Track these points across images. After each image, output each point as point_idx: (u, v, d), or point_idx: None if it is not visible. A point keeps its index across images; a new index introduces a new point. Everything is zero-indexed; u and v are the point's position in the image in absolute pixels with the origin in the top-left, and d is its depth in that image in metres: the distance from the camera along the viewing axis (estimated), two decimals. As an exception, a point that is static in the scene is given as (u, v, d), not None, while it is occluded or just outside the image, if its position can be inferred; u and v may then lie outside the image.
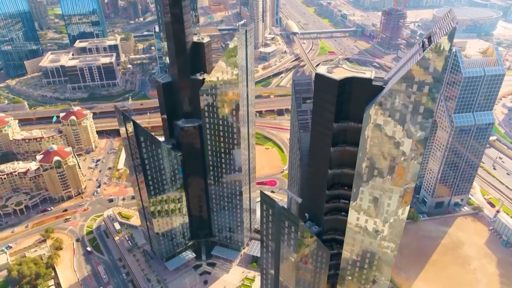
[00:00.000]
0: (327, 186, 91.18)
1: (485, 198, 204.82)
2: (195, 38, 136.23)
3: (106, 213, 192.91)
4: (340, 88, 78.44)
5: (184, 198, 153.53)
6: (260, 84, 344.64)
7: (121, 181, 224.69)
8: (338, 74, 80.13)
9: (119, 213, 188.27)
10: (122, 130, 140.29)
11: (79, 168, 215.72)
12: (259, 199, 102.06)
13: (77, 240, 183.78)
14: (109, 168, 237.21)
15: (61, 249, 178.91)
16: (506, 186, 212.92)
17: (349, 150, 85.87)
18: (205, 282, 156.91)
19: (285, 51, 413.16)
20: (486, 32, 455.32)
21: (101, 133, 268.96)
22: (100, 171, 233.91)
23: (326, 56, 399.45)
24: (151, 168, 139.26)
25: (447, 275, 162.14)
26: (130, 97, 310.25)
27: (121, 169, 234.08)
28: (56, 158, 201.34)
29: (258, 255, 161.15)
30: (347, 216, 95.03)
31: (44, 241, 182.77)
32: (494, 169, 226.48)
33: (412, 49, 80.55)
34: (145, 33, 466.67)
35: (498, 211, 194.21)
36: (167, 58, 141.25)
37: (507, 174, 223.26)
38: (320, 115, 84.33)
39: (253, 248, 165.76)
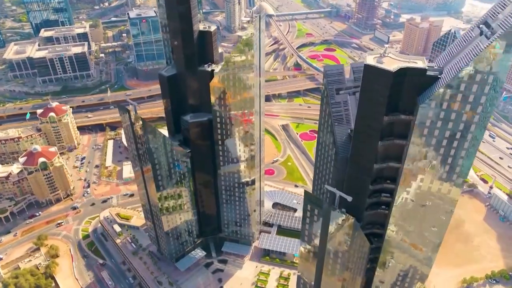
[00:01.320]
0: (371, 180, 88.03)
1: (477, 175, 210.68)
2: (201, 27, 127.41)
3: (103, 214, 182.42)
4: (394, 80, 74.29)
5: (192, 195, 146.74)
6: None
7: (111, 179, 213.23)
8: (389, 64, 75.86)
9: (117, 214, 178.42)
10: (127, 128, 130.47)
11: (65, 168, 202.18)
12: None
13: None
14: (97, 166, 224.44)
15: (57, 256, 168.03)
16: (496, 162, 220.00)
17: (396, 143, 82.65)
18: (220, 280, 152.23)
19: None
20: (456, 10, 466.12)
21: (81, 129, 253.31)
22: (87, 170, 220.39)
23: (305, 38, 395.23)
24: (160, 168, 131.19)
25: (454, 254, 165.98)
26: (108, 89, 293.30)
27: (110, 166, 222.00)
28: (42, 159, 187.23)
29: (270, 248, 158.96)
30: (388, 209, 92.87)
31: (38, 249, 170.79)
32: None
33: (465, 36, 77.02)
34: (113, 19, 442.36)
35: (491, 187, 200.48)
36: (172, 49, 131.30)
37: (496, 150, 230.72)
38: (369, 109, 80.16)
39: (264, 241, 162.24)
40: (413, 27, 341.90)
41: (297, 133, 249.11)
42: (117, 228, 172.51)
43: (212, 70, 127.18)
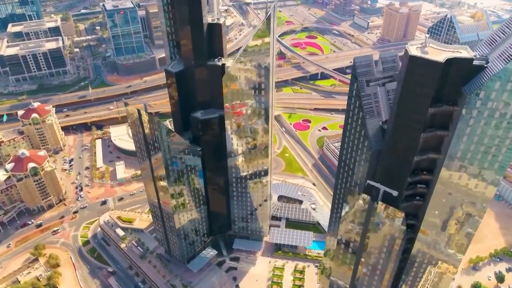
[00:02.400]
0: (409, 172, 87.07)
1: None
2: (209, 19, 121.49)
3: (102, 219, 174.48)
4: (442, 70, 72.75)
5: (203, 192, 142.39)
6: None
7: (105, 181, 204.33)
8: (434, 55, 74.17)
9: (119, 218, 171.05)
10: (136, 128, 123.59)
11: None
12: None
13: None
14: (87, 168, 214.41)
15: (58, 266, 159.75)
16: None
17: (437, 135, 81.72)
18: (234, 279, 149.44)
19: (242, 23, 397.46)
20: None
21: (65, 129, 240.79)
22: (79, 173, 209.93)
23: (286, 26, 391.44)
24: (173, 169, 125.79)
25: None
26: (89, 86, 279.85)
27: (102, 167, 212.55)
28: (31, 165, 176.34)
29: (281, 242, 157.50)
30: (423, 200, 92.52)
31: (36, 259, 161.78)
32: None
33: (509, 23, 75.98)
34: (83, 11, 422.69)
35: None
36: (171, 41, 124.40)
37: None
38: (412, 101, 78.46)
39: (274, 236, 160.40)
40: (392, 12, 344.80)
41: (291, 123, 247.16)
42: (120, 232, 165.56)
43: (223, 64, 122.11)
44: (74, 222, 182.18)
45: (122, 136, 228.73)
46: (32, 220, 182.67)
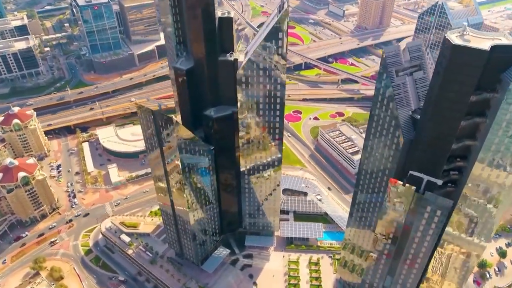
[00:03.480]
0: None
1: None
2: (219, 13, 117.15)
3: (104, 225, 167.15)
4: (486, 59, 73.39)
5: (216, 190, 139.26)
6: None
7: (99, 186, 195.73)
8: (476, 43, 74.66)
9: (122, 223, 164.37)
10: (149, 128, 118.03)
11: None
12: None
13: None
14: (77, 173, 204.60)
15: (62, 278, 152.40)
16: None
17: (475, 122, 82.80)
18: (251, 276, 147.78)
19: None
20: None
21: (48, 134, 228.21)
22: (71, 183, 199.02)
23: (262, 17, 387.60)
24: (189, 169, 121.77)
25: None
26: (68, 87, 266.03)
27: (93, 172, 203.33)
28: (22, 174, 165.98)
29: (293, 235, 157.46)
30: (455, 187, 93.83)
31: (37, 274, 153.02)
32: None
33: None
34: (48, 7, 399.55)
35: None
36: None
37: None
38: (453, 89, 78.81)
39: (285, 230, 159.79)
40: (368, 0, 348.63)
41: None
42: (126, 238, 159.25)
43: (235, 59, 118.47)
44: (72, 231, 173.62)
45: (111, 138, 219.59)
46: (26, 233, 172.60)
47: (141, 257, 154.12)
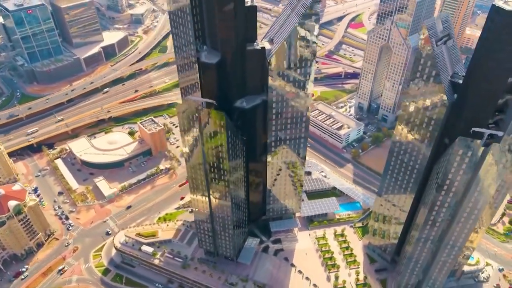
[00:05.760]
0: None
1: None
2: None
3: (118, 240, 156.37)
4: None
5: (246, 181, 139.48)
6: (156, 51, 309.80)
7: (91, 202, 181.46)
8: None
9: (139, 234, 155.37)
10: (189, 123, 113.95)
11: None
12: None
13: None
14: (60, 193, 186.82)
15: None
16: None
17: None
18: (286, 259, 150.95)
19: (153, 9, 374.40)
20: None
21: (10, 156, 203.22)
22: (58, 207, 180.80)
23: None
24: (229, 161, 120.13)
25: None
26: (16, 102, 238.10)
27: (77, 188, 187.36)
28: (13, 203, 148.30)
29: (313, 213, 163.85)
30: (492, 139, 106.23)
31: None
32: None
33: None
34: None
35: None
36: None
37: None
38: (501, 50, 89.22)
39: (304, 210, 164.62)
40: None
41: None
42: (148, 248, 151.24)
43: (263, 48, 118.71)
44: (78, 254, 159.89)
45: (87, 150, 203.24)
46: (26, 266, 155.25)
47: (171, 264, 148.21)
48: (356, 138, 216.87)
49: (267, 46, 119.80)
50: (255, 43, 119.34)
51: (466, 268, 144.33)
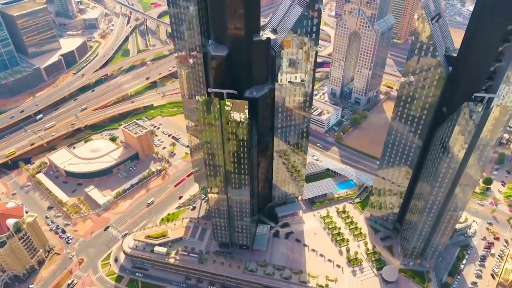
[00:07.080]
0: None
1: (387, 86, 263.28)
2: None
3: (127, 245, 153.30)
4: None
5: (257, 170, 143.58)
6: (119, 55, 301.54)
7: (86, 212, 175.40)
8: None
9: (149, 237, 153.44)
10: (210, 120, 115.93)
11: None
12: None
13: None
14: (50, 208, 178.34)
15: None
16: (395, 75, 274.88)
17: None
18: (298, 241, 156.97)
19: (106, 13, 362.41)
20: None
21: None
22: (52, 221, 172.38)
23: (155, 9, 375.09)
24: (247, 150, 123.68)
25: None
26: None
27: (68, 201, 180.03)
28: (11, 221, 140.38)
29: (314, 195, 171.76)
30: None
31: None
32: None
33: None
34: None
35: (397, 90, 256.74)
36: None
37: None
38: (493, 22, 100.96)
39: (305, 193, 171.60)
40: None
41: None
42: (161, 249, 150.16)
43: (268, 38, 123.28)
44: (85, 265, 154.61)
45: (70, 161, 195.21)
46: (31, 286, 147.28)
47: (187, 261, 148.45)
48: (336, 122, 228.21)
49: (272, 36, 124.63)
50: (260, 34, 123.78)
51: (457, 226, 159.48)
